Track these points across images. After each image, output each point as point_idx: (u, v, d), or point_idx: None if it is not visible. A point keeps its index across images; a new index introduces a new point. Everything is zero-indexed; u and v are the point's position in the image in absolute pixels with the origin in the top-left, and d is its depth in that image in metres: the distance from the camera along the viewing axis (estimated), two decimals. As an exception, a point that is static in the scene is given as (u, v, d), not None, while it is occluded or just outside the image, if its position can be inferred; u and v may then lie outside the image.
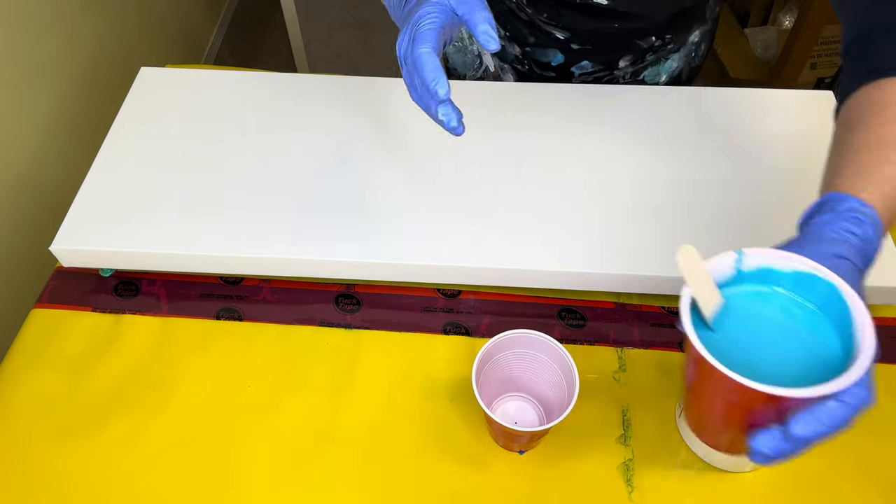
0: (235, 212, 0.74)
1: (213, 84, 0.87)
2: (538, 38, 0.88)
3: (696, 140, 0.80)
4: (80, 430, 0.66)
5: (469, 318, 0.73)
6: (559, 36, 0.86)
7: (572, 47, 0.88)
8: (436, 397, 0.67)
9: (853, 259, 0.44)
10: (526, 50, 0.91)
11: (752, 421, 0.41)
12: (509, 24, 0.89)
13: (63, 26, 1.36)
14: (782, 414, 0.39)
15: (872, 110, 0.52)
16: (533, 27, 0.87)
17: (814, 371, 0.39)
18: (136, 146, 0.80)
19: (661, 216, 0.73)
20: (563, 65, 0.90)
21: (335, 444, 0.65)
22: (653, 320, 0.73)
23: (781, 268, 0.42)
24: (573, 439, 0.64)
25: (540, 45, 0.89)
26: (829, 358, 0.40)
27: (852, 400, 0.39)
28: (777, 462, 0.43)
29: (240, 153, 0.79)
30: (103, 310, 0.74)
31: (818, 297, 0.42)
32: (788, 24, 2.11)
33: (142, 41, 1.71)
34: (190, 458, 0.64)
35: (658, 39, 0.87)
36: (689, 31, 0.89)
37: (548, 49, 0.89)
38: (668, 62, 0.92)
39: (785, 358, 0.41)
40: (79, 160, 1.08)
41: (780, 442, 0.40)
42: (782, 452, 0.41)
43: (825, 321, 0.42)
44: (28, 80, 1.25)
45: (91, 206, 0.74)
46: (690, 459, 0.64)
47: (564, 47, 0.88)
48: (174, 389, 0.68)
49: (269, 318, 0.74)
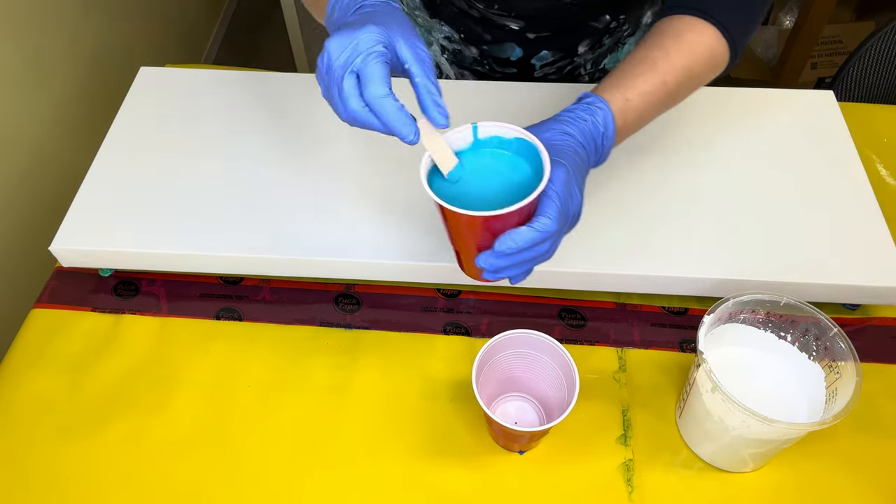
0: (235, 211, 0.74)
1: (213, 84, 0.87)
2: (494, 35, 0.87)
3: (696, 140, 0.80)
4: (80, 430, 0.66)
5: (469, 318, 0.73)
6: (514, 27, 0.85)
7: (528, 37, 0.86)
8: (436, 397, 0.67)
9: (577, 136, 0.57)
10: (483, 49, 0.90)
11: (480, 245, 0.52)
12: (463, 26, 0.89)
13: (63, 26, 1.36)
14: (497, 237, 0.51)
15: (660, 34, 0.63)
16: (486, 23, 0.86)
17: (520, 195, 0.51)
18: (136, 146, 0.80)
19: (660, 216, 0.73)
20: (523, 58, 0.89)
21: (335, 444, 0.65)
22: (653, 320, 0.73)
23: (506, 135, 0.53)
24: (573, 439, 0.64)
25: (497, 41, 0.88)
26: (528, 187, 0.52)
27: (540, 227, 0.50)
28: (499, 277, 0.54)
29: (240, 153, 0.79)
30: (103, 310, 0.74)
31: (530, 155, 0.53)
32: (788, 24, 2.11)
33: (142, 41, 1.71)
34: (190, 458, 0.64)
35: (613, 20, 0.86)
36: (641, 9, 0.88)
37: (505, 44, 0.88)
38: (626, 47, 0.91)
39: (502, 198, 0.52)
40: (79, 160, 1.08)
41: (491, 258, 0.51)
42: (494, 266, 0.52)
43: (532, 172, 0.53)
44: (28, 80, 1.25)
45: (91, 206, 0.74)
46: (690, 459, 0.64)
47: (521, 39, 0.87)
48: (174, 389, 0.68)
49: (269, 318, 0.74)
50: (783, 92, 0.85)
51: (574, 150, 0.56)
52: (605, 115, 0.59)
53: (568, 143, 0.56)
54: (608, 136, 0.59)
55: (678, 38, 0.62)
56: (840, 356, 0.57)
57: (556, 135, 0.56)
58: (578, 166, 0.56)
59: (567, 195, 0.53)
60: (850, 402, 0.53)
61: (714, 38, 0.63)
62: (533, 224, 0.50)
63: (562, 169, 0.53)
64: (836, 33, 1.97)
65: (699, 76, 0.64)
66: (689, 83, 0.63)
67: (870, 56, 1.16)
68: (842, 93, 1.21)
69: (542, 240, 0.51)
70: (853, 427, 0.65)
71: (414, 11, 0.92)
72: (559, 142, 0.56)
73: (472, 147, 0.55)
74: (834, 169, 0.77)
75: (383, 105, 0.50)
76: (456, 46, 0.92)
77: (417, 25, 0.94)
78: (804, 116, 0.82)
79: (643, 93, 0.60)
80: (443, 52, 0.94)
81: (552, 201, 0.51)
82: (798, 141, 0.80)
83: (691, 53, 0.62)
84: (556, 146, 0.55)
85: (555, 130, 0.56)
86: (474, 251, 0.53)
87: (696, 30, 0.62)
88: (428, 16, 0.91)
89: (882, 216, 0.72)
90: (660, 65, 0.61)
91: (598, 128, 0.58)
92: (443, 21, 0.90)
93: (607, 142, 0.59)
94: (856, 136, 0.81)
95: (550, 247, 0.54)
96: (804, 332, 0.61)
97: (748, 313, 0.62)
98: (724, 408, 0.56)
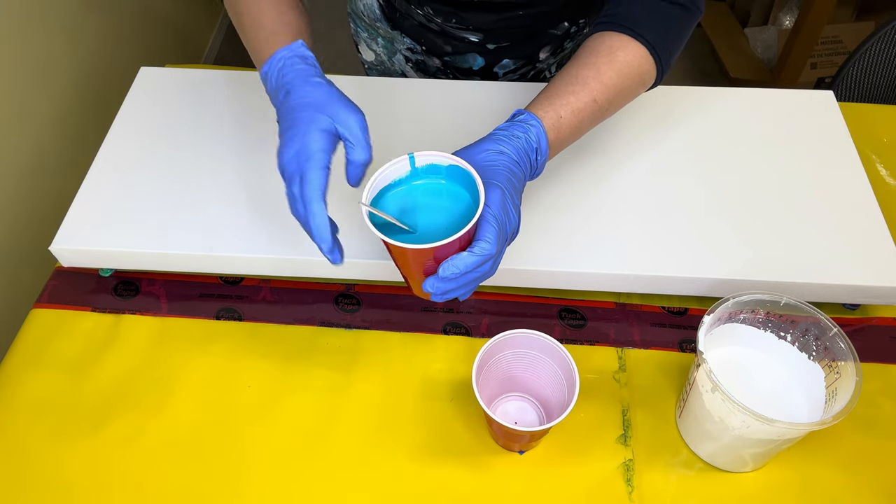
0: (235, 211, 0.74)
1: (213, 84, 0.87)
2: (454, 46, 0.88)
3: (696, 140, 0.80)
4: (80, 430, 0.66)
5: (469, 318, 0.73)
6: (473, 39, 0.86)
7: (489, 48, 0.87)
8: (436, 397, 0.67)
9: (511, 154, 0.58)
10: (446, 60, 0.91)
11: (426, 271, 0.55)
12: (423, 38, 0.89)
13: (64, 26, 1.36)
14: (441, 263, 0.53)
15: (592, 51, 0.65)
16: (446, 36, 0.87)
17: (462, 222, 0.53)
18: (136, 146, 0.80)
19: (660, 216, 0.73)
20: (485, 67, 0.90)
21: (335, 444, 0.65)
22: (653, 320, 0.73)
23: (441, 163, 0.56)
24: (573, 439, 0.64)
25: (458, 52, 0.89)
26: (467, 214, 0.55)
27: (480, 251, 0.53)
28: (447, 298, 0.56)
29: (240, 153, 0.79)
30: (103, 310, 0.74)
31: (466, 181, 0.55)
32: (788, 24, 2.11)
33: (142, 41, 1.71)
34: (190, 458, 0.64)
35: (572, 25, 0.87)
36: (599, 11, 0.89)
37: (466, 55, 0.89)
38: None
39: (442, 224, 0.55)
40: (79, 160, 1.08)
41: (437, 282, 0.54)
42: (441, 290, 0.54)
43: (469, 196, 0.56)
44: (28, 80, 1.25)
45: (91, 206, 0.74)
46: (690, 459, 0.64)
47: (482, 49, 0.88)
48: (174, 389, 0.68)
49: (269, 318, 0.74)
50: (783, 92, 0.85)
51: (509, 169, 0.58)
52: (538, 131, 0.60)
53: (503, 162, 0.58)
54: (542, 151, 0.61)
55: (610, 56, 0.64)
56: (840, 356, 0.57)
57: (490, 155, 0.58)
58: (514, 185, 0.57)
59: (504, 216, 0.55)
60: (850, 402, 0.53)
61: (643, 57, 0.65)
62: (473, 249, 0.53)
63: (497, 191, 0.55)
64: (835, 33, 1.97)
65: (627, 92, 0.66)
66: (617, 100, 0.66)
67: (870, 56, 1.16)
68: (842, 93, 1.21)
69: (483, 262, 0.53)
70: (853, 427, 0.65)
71: (375, 23, 0.93)
72: (494, 162, 0.57)
73: (410, 176, 0.57)
74: (834, 169, 0.77)
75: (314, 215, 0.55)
76: (419, 57, 0.92)
77: (379, 37, 0.94)
78: (804, 116, 0.82)
79: (575, 110, 0.63)
80: (407, 61, 0.94)
81: (490, 225, 0.54)
82: (798, 141, 0.80)
83: (621, 72, 0.64)
84: (491, 167, 0.57)
85: (489, 151, 0.58)
86: (421, 277, 0.56)
87: (627, 48, 0.65)
88: (389, 27, 0.91)
89: (882, 216, 0.72)
90: (591, 83, 0.63)
91: (531, 144, 0.60)
92: (404, 33, 0.90)
93: (541, 157, 0.61)
94: (856, 136, 0.81)
95: (492, 266, 0.56)
96: (804, 332, 0.61)
97: (748, 313, 0.62)
98: (724, 408, 0.56)
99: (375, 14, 0.91)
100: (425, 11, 0.84)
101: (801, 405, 0.60)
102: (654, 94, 0.85)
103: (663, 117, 0.83)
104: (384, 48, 0.95)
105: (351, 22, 1.00)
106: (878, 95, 1.21)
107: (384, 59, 0.97)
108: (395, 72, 0.99)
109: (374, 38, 0.96)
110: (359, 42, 1.01)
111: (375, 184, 0.55)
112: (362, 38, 0.99)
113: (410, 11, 0.86)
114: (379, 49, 0.96)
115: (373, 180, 0.55)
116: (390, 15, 0.90)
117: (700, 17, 0.68)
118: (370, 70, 1.04)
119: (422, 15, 0.85)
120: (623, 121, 0.82)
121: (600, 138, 0.80)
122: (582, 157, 0.78)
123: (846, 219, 0.72)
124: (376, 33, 0.94)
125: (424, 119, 0.82)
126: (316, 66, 0.61)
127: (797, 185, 0.76)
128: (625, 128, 0.81)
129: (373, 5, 0.91)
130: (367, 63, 1.02)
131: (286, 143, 0.57)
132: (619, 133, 0.81)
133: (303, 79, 0.59)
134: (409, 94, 0.86)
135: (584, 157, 0.78)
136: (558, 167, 0.77)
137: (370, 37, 0.96)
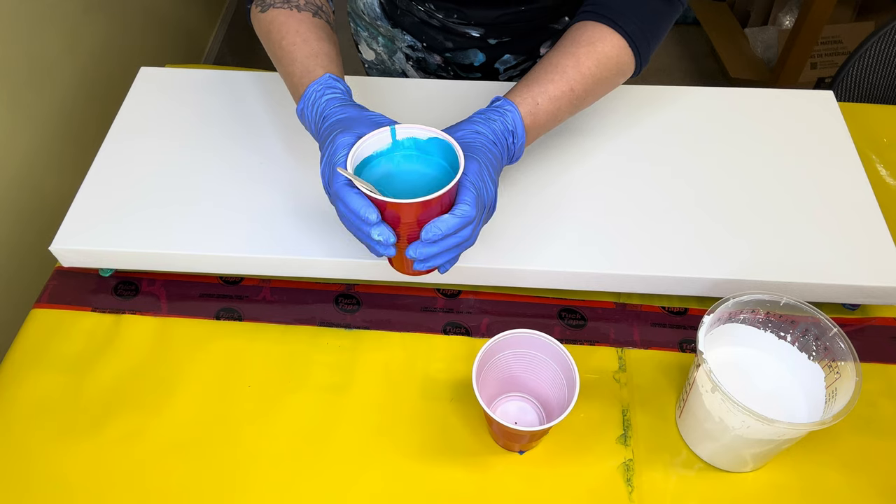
0: (235, 211, 0.74)
1: (213, 84, 0.87)
2: (455, 42, 0.88)
3: (696, 140, 0.80)
4: (80, 430, 0.66)
5: (469, 318, 0.73)
6: (474, 34, 0.86)
7: (490, 43, 0.87)
8: (436, 397, 0.67)
9: (488, 134, 0.62)
10: (447, 56, 0.91)
11: (410, 236, 0.57)
12: (424, 35, 0.89)
13: (64, 26, 1.36)
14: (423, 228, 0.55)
15: (573, 41, 0.67)
16: (447, 32, 0.87)
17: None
18: (136, 146, 0.80)
19: (660, 216, 0.73)
20: (486, 63, 0.90)
21: (335, 444, 0.65)
22: (653, 320, 0.73)
23: (421, 136, 0.58)
24: (573, 439, 0.64)
25: (459, 48, 0.89)
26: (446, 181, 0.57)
27: (460, 213, 0.55)
28: (429, 266, 0.58)
29: (240, 152, 0.79)
30: (103, 310, 0.74)
31: (446, 153, 0.58)
32: (788, 24, 2.11)
33: (142, 41, 1.71)
34: (190, 458, 0.64)
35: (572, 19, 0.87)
36: None
37: (467, 51, 0.89)
38: None
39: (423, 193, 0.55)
40: (79, 160, 1.08)
41: (420, 247, 0.56)
42: (424, 254, 0.56)
43: (448, 166, 0.58)
44: (28, 80, 1.25)
45: (91, 206, 0.74)
46: (690, 459, 0.64)
47: (483, 45, 0.88)
48: (174, 389, 0.68)
49: (269, 318, 0.74)
50: (783, 92, 0.85)
51: (486, 147, 0.61)
52: (514, 116, 0.63)
53: (479, 140, 0.61)
54: (518, 135, 0.64)
55: (589, 46, 0.67)
56: (840, 356, 0.57)
57: (468, 134, 0.62)
58: (490, 161, 0.60)
59: (482, 184, 0.58)
60: (850, 402, 0.53)
61: (622, 48, 0.67)
62: (454, 211, 0.56)
63: (474, 162, 0.58)
64: (835, 33, 1.97)
65: (606, 83, 0.69)
66: (596, 89, 0.68)
67: (870, 56, 1.16)
68: (842, 93, 1.21)
69: (464, 225, 0.56)
70: (853, 427, 0.65)
71: (375, 21, 0.93)
72: (471, 140, 0.61)
73: (391, 148, 0.59)
74: (834, 169, 0.77)
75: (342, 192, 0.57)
76: (419, 54, 0.92)
77: (380, 35, 0.94)
78: (804, 116, 0.82)
79: (552, 98, 0.65)
80: (407, 59, 0.94)
81: (468, 190, 0.56)
82: (798, 141, 0.80)
83: (600, 63, 0.67)
84: (469, 144, 0.61)
85: (467, 130, 0.62)
86: (403, 244, 0.58)
87: (606, 39, 0.67)
88: (390, 25, 0.91)
89: (882, 216, 0.72)
90: (569, 72, 0.66)
91: (507, 127, 0.63)
92: (404, 31, 0.90)
93: (517, 140, 0.64)
94: (856, 136, 0.81)
95: (472, 232, 0.58)
96: (804, 332, 0.61)
97: (748, 313, 0.62)
98: (724, 408, 0.56)
99: (376, 12, 0.91)
100: (427, 8, 0.84)
101: (801, 405, 0.60)
102: (655, 93, 0.85)
103: (663, 117, 0.83)
104: (384, 47, 0.95)
105: (351, 22, 1.01)
106: (878, 95, 1.21)
107: (385, 59, 0.97)
108: (395, 71, 0.99)
109: (374, 37, 0.96)
110: (359, 42, 1.01)
111: (357, 153, 0.57)
112: (362, 37, 0.99)
113: (411, 8, 0.86)
114: (379, 48, 0.96)
115: (354, 150, 0.56)
116: (391, 13, 0.90)
117: (681, 12, 0.70)
118: (370, 70, 1.04)
119: (423, 11, 0.85)
120: (623, 121, 0.82)
121: (600, 138, 0.80)
122: (582, 158, 0.78)
123: (846, 219, 0.72)
124: (377, 32, 0.94)
125: (425, 119, 0.82)
126: (344, 93, 0.63)
127: (797, 185, 0.76)
128: (625, 128, 0.81)
129: (373, 4, 0.91)
130: (367, 63, 1.03)
131: (321, 158, 0.60)
132: (619, 133, 0.81)
133: (333, 107, 0.62)
134: (409, 93, 0.86)
135: (585, 158, 0.78)
136: (558, 167, 0.77)
137: (370, 36, 0.96)
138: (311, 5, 0.70)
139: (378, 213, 0.55)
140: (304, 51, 0.66)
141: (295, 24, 0.68)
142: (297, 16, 0.68)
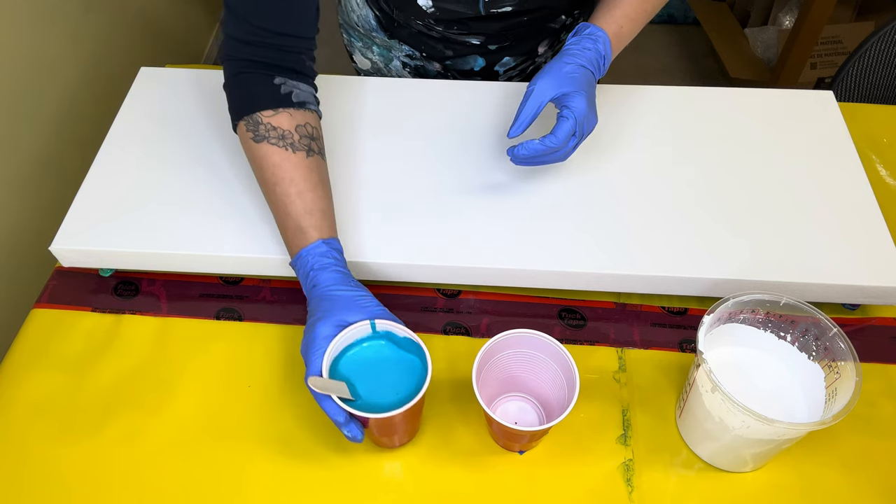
0: (235, 211, 0.74)
1: (213, 84, 0.87)
2: (455, 50, 0.88)
3: (696, 140, 0.80)
4: (80, 430, 0.66)
5: (469, 318, 0.73)
6: (474, 42, 0.86)
7: (490, 48, 0.88)
8: (436, 397, 0.67)
9: (589, 66, 0.69)
10: (446, 63, 0.91)
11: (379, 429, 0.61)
12: (423, 45, 0.89)
13: (64, 26, 1.36)
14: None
15: None
16: (447, 41, 0.87)
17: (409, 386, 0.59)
18: (136, 146, 0.80)
19: (660, 216, 0.73)
20: (486, 67, 0.91)
21: (335, 444, 0.65)
22: (653, 320, 0.73)
23: (397, 333, 0.61)
24: (573, 439, 0.64)
25: (459, 55, 0.89)
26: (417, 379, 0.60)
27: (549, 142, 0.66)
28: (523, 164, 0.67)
29: (240, 153, 0.79)
30: (103, 310, 0.74)
31: (419, 350, 0.60)
32: (788, 24, 2.11)
33: (142, 41, 1.71)
34: (190, 458, 0.64)
35: (568, 17, 0.88)
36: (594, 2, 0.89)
37: (467, 57, 0.89)
38: None
39: (398, 382, 0.60)
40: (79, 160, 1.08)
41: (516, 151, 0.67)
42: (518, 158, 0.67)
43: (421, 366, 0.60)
44: (29, 80, 1.25)
45: (91, 206, 0.74)
46: (690, 459, 0.64)
47: (483, 51, 0.88)
48: (174, 389, 0.68)
49: (269, 318, 0.74)
50: (783, 92, 0.85)
51: (590, 81, 0.69)
52: (605, 42, 0.70)
53: (585, 74, 0.69)
54: (608, 59, 0.71)
55: None
56: (840, 356, 0.57)
57: (575, 69, 0.68)
58: (592, 93, 0.69)
59: (584, 118, 0.67)
60: (849, 402, 0.53)
61: None
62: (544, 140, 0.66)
63: (583, 99, 0.67)
64: (835, 33, 1.97)
65: None
66: (658, 5, 0.75)
67: (869, 56, 1.16)
68: (842, 93, 1.21)
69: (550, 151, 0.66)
70: (853, 427, 0.65)
71: (370, 33, 0.92)
72: (580, 75, 0.68)
73: (371, 336, 0.61)
74: (834, 169, 0.77)
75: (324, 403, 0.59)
76: (418, 62, 0.92)
77: (375, 45, 0.94)
78: (804, 116, 0.82)
79: (631, 20, 0.72)
80: (404, 67, 0.94)
81: (566, 122, 0.66)
82: (798, 141, 0.80)
83: None
84: (576, 78, 0.68)
85: (573, 65, 0.69)
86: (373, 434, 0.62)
87: None
88: (386, 37, 0.91)
89: (882, 216, 0.72)
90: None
91: (600, 53, 0.70)
92: (402, 41, 0.90)
93: (606, 63, 0.71)
94: (856, 136, 0.81)
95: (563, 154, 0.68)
96: (804, 332, 0.61)
97: (748, 313, 0.62)
98: (724, 408, 0.56)
99: (371, 25, 0.91)
100: (426, 22, 0.84)
101: (800, 405, 0.60)
102: (655, 93, 0.85)
103: (663, 117, 0.83)
104: (381, 56, 0.95)
105: (343, 33, 0.99)
106: (878, 95, 1.21)
107: (381, 67, 0.97)
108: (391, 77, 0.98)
109: (369, 46, 0.95)
110: (353, 51, 0.99)
111: (337, 344, 0.59)
112: (356, 47, 0.97)
113: (410, 22, 0.86)
114: (375, 57, 0.96)
115: (334, 343, 0.59)
116: (387, 25, 0.89)
117: None
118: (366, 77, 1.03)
119: (422, 24, 0.85)
120: (623, 120, 0.82)
121: (600, 138, 0.80)
122: (582, 158, 0.78)
123: (846, 219, 0.72)
124: (371, 42, 0.94)
125: (424, 119, 0.82)
126: (336, 261, 0.64)
127: (797, 185, 0.76)
128: (625, 128, 0.81)
129: (368, 17, 0.90)
130: (362, 71, 1.01)
131: (305, 331, 0.62)
132: (620, 133, 0.81)
133: (323, 277, 0.63)
134: (409, 94, 0.86)
135: (585, 158, 0.78)
136: (558, 167, 0.77)
137: (365, 46, 0.95)
138: (305, 139, 0.67)
139: (346, 416, 0.58)
140: (298, 207, 0.64)
141: (290, 171, 0.65)
142: (291, 159, 0.65)
